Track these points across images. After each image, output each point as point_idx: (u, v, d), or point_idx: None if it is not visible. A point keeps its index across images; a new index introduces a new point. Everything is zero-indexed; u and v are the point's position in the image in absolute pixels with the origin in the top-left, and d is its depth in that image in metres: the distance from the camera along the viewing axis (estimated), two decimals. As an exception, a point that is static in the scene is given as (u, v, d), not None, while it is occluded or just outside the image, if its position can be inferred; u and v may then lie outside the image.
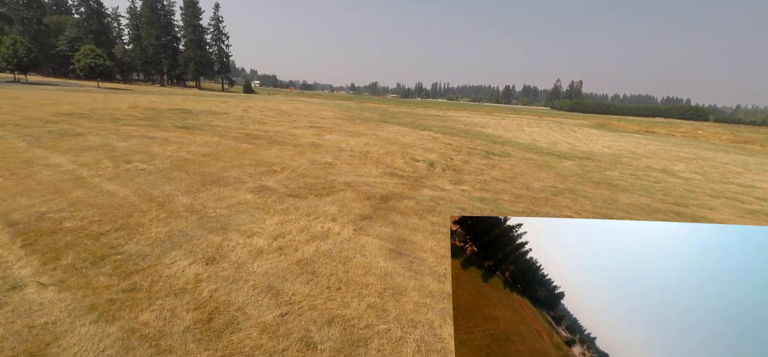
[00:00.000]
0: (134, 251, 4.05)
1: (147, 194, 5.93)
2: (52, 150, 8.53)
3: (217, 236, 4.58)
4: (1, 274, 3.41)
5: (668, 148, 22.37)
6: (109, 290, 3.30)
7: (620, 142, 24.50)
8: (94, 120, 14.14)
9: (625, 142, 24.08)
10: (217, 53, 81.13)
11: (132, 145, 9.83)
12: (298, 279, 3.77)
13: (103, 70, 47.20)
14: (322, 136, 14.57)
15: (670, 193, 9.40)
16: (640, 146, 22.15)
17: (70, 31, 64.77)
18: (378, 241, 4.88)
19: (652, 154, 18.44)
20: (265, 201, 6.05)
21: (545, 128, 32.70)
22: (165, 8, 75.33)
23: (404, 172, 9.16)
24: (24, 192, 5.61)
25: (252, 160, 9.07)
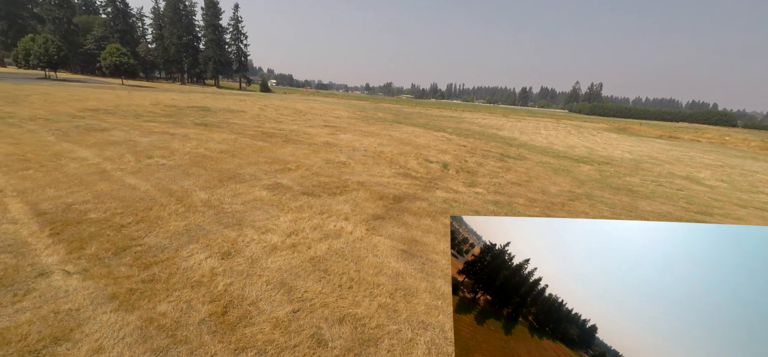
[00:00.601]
0: (154, 243, 4.18)
1: (166, 189, 6.11)
2: (79, 144, 8.89)
3: (232, 231, 4.68)
4: (30, 261, 3.58)
5: (693, 154, 21.53)
6: (129, 280, 3.42)
7: (641, 147, 23.75)
8: (118, 116, 14.65)
9: (646, 147, 23.31)
10: (235, 52, 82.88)
11: (153, 140, 10.14)
12: (311, 276, 3.81)
13: (127, 68, 48.92)
14: (337, 136, 14.67)
15: (693, 201, 9.06)
16: (663, 152, 21.41)
17: (98, 30, 67.37)
18: (390, 241, 4.88)
19: (676, 160, 17.80)
20: (280, 198, 6.14)
21: (563, 131, 32.00)
22: (187, 9, 77.47)
23: (417, 173, 9.14)
24: (52, 183, 5.86)
25: (267, 157, 9.22)
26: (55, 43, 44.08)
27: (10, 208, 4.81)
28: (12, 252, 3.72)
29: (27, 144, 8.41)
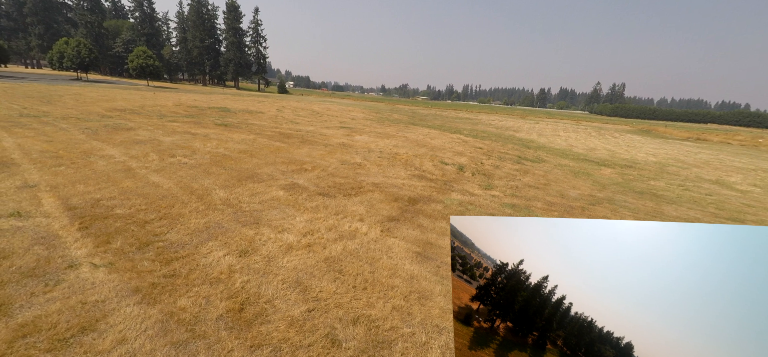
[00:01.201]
0: (175, 240, 4.31)
1: (188, 187, 6.29)
2: (107, 142, 9.28)
3: (250, 230, 4.77)
4: (61, 254, 3.76)
5: (723, 157, 20.51)
6: (152, 275, 3.54)
7: (667, 149, 22.81)
8: (144, 116, 15.22)
9: (672, 150, 22.38)
10: (255, 55, 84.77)
11: (176, 140, 10.47)
12: (326, 276, 3.84)
13: (152, 70, 50.83)
14: (352, 137, 14.76)
15: (723, 206, 8.63)
16: (690, 155, 20.49)
17: (126, 34, 70.35)
18: (405, 243, 4.86)
19: (704, 163, 17.00)
20: (296, 198, 6.22)
21: (583, 133, 31.12)
22: (209, 12, 79.85)
23: (433, 175, 9.08)
24: (82, 180, 6.14)
25: (284, 158, 9.37)
26: (87, 46, 46.25)
27: (44, 202, 5.07)
28: (45, 244, 3.91)
29: (59, 142, 8.85)
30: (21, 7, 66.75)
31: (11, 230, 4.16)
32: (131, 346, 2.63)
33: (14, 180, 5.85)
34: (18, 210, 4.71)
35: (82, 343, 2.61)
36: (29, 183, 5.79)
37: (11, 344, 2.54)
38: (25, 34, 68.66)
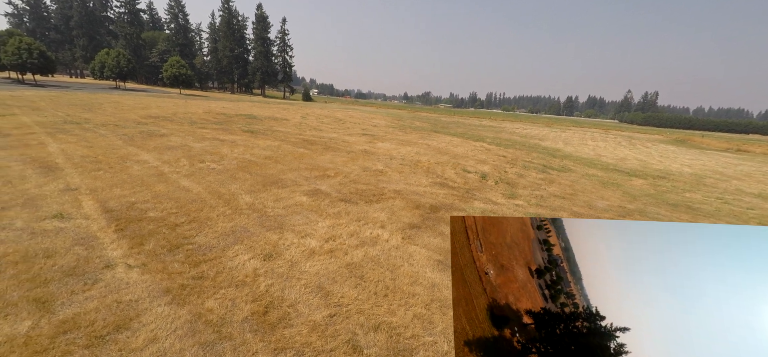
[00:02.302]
0: (203, 243, 4.47)
1: (216, 191, 6.52)
2: (142, 148, 9.78)
3: (274, 234, 4.87)
4: (98, 254, 3.97)
5: (766, 170, 19.11)
6: (181, 276, 3.67)
7: (704, 160, 21.50)
8: (176, 123, 15.96)
9: (710, 161, 21.06)
10: (281, 63, 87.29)
11: (205, 146, 10.90)
12: (347, 282, 3.85)
13: (185, 79, 53.35)
14: (374, 144, 14.85)
15: (767, 221, 8.02)
16: (730, 166, 19.20)
17: (161, 44, 74.25)
18: (426, 251, 4.81)
19: (745, 175, 15.88)
20: (319, 204, 6.31)
21: (612, 142, 29.90)
22: (239, 23, 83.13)
23: (455, 183, 8.97)
24: (119, 184, 6.49)
25: (308, 164, 9.54)
26: (126, 56, 49.20)
27: (84, 205, 5.39)
28: (84, 245, 4.15)
29: (99, 147, 9.41)
30: (68, 20, 72.02)
31: (54, 231, 4.44)
32: (162, 346, 2.73)
33: (58, 183, 6.26)
34: (61, 212, 5.02)
35: (116, 341, 2.74)
36: (71, 186, 6.18)
37: (53, 340, 2.69)
38: (70, 46, 73.93)
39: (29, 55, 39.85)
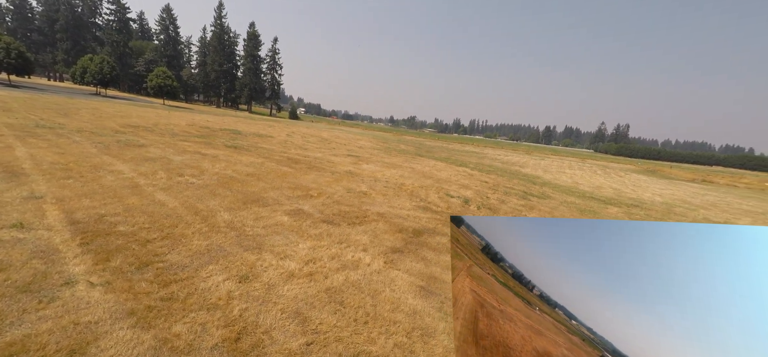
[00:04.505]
0: (175, 261, 4.24)
1: (193, 207, 6.27)
2: (118, 158, 9.41)
3: (252, 255, 4.69)
4: (58, 269, 3.69)
5: (730, 199, 20.10)
6: (148, 297, 3.44)
7: (673, 190, 22.50)
8: (157, 134, 15.53)
9: (678, 191, 22.05)
10: (270, 81, 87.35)
11: (185, 159, 10.59)
12: (326, 308, 3.71)
13: (170, 89, 52.48)
14: (359, 165, 14.83)
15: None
16: (697, 196, 20.15)
17: (149, 54, 73.23)
18: (408, 276, 4.72)
19: (711, 205, 16.66)
20: (300, 224, 6.15)
21: (588, 171, 30.91)
22: (230, 39, 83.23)
23: (438, 207, 8.98)
24: (89, 194, 6.16)
25: (291, 183, 9.38)
26: (110, 63, 48.18)
27: (48, 214, 5.06)
28: (43, 258, 3.86)
29: (71, 154, 8.99)
30: (52, 23, 70.37)
31: (11, 242, 4.13)
32: (120, 373, 2.51)
33: (21, 190, 5.90)
34: (21, 221, 4.70)
35: (69, 367, 2.50)
36: (36, 194, 5.82)
37: (-3, 363, 2.44)
38: (52, 49, 71.94)
39: (6, 54, 38.48)
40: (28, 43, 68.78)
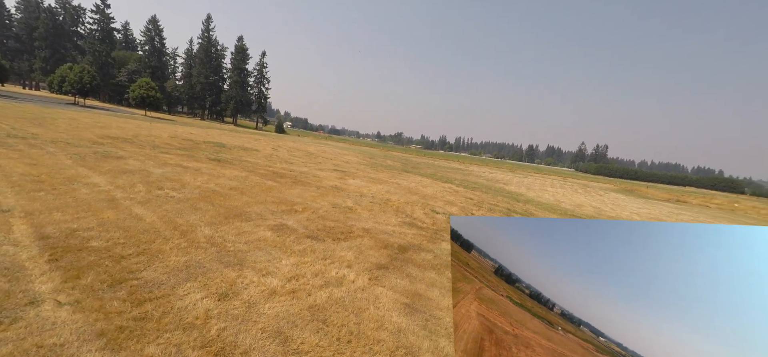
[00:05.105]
0: (151, 278, 4.07)
1: (172, 222, 6.08)
2: (94, 170, 9.08)
3: (232, 271, 4.55)
4: (22, 288, 3.49)
5: (703, 219, 20.94)
6: (120, 316, 3.28)
7: (650, 209, 23.30)
8: (136, 145, 15.11)
9: (655, 210, 22.84)
10: (257, 94, 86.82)
11: (166, 172, 10.32)
12: (309, 326, 3.61)
13: (152, 100, 51.40)
14: (345, 181, 14.77)
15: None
16: (672, 215, 20.93)
17: (132, 65, 71.81)
18: (393, 293, 4.67)
19: (690, 229, 17.26)
20: (284, 240, 6.04)
21: (570, 189, 31.73)
22: (218, 52, 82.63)
23: (423, 223, 9.00)
24: (61, 207, 5.90)
25: (275, 198, 9.24)
26: (91, 72, 46.92)
27: (15, 229, 4.81)
28: (7, 276, 3.64)
29: (44, 166, 8.63)
30: (31, 31, 68.45)
31: (-26, 257, 3.89)
32: (85, 400, 2.36)
33: (-11, 203, 5.60)
34: (-14, 236, 4.44)
35: (29, 394, 2.33)
36: (2, 207, 5.54)
37: (-53, 391, 2.25)
38: (29, 57, 69.76)
39: (-23, 61, 37.01)
40: (3, 50, 66.55)
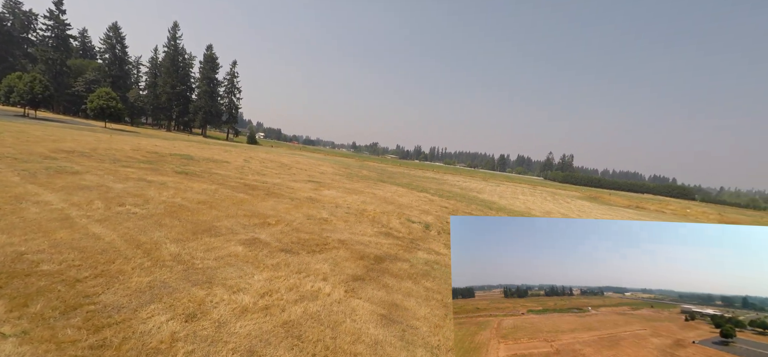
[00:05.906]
0: (110, 302, 3.81)
1: (134, 240, 5.74)
2: (46, 187, 8.43)
3: (201, 290, 4.35)
4: (-40, 319, 3.15)
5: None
6: (74, 346, 3.03)
7: (613, 215, 24.65)
8: (95, 159, 14.20)
9: (617, 216, 24.23)
10: (227, 105, 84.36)
11: (128, 187, 9.76)
12: (283, 343, 3.50)
13: (112, 111, 48.59)
14: (320, 192, 14.59)
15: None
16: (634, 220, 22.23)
17: (90, 74, 67.71)
18: (369, 305, 4.63)
19: (648, 231, 18.44)
20: (256, 254, 5.85)
21: (539, 197, 33.05)
22: (185, 61, 79.70)
23: (399, 233, 9.03)
24: (6, 229, 5.42)
25: (247, 211, 8.96)
26: (43, 82, 43.80)
27: (-48, 254, 4.36)
28: (-59, 306, 3.28)
29: (-12, 184, 7.91)
30: (-27, 38, 63.24)
31: None
32: None
33: None
34: None
35: None
36: (-61, 230, 5.01)
37: None
38: (-29, 67, 64.26)
39: None
40: (-59, 57, 61.04)
